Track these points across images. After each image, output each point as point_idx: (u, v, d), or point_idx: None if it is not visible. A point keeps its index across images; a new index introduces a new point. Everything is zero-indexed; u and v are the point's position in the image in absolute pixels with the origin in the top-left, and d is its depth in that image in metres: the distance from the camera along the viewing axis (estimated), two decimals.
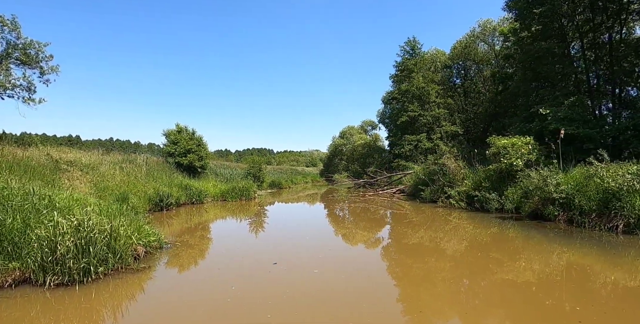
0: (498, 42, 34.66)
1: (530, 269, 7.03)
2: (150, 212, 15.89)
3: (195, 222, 14.77)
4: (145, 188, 16.39)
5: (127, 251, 6.23)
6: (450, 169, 17.08)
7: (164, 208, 16.37)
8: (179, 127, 25.44)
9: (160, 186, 17.49)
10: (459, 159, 17.25)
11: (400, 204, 19.19)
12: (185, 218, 15.70)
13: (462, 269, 7.39)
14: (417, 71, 32.58)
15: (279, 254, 8.70)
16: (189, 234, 11.81)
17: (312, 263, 7.68)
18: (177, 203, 18.03)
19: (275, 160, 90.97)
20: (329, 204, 22.05)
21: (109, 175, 15.72)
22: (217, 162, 39.55)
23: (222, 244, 10.27)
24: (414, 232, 11.50)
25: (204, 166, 25.33)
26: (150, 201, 15.93)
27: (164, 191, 16.55)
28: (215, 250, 9.68)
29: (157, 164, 21.90)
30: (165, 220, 14.82)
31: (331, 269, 7.20)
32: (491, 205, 13.39)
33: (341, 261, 8.07)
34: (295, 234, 11.86)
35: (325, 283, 6.20)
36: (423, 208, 16.90)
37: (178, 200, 18.05)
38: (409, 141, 30.63)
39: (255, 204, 21.68)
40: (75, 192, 10.83)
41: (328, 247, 9.83)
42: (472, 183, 15.82)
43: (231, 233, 12.28)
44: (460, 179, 16.71)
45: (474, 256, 8.41)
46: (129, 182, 16.16)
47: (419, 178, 19.80)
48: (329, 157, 47.56)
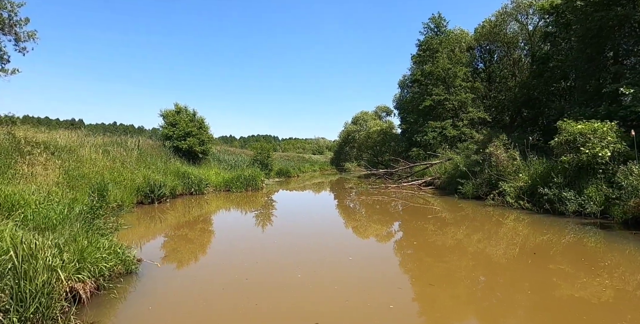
0: (532, 20, 31.17)
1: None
2: (138, 205, 13.20)
3: (191, 218, 12.05)
4: (134, 176, 13.66)
5: (54, 294, 3.47)
6: (500, 159, 14.18)
7: (155, 200, 13.64)
8: (177, 108, 22.59)
9: (152, 173, 14.76)
10: (510, 148, 14.31)
11: (434, 201, 16.35)
12: (180, 213, 12.99)
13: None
14: (442, 51, 29.30)
15: (298, 265, 5.99)
16: (180, 240, 9.08)
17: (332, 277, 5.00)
18: (172, 194, 15.33)
19: (280, 147, 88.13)
20: (347, 197, 19.29)
21: (89, 160, 12.96)
22: (220, 147, 36.80)
23: (226, 262, 7.33)
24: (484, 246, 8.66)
25: (206, 151, 22.58)
26: (138, 192, 13.23)
27: (157, 180, 13.82)
28: (216, 276, 6.18)
29: (152, 148, 19.16)
30: (155, 216, 12.12)
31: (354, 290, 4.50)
32: (568, 206, 10.52)
33: (369, 283, 5.38)
34: (312, 237, 9.08)
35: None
36: (467, 207, 14.07)
37: (174, 190, 15.35)
38: (432, 127, 27.60)
39: (263, 195, 18.96)
40: (28, 182, 8.08)
41: (348, 253, 7.08)
42: (528, 177, 12.94)
43: (238, 239, 9.51)
44: (512, 172, 13.82)
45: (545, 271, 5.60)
46: (114, 169, 13.42)
47: (454, 170, 16.92)
48: (340, 145, 44.60)
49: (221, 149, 33.94)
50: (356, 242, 9.05)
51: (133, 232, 9.20)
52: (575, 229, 9.65)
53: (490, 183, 14.67)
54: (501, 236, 9.39)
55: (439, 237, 9.43)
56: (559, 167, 11.55)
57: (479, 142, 20.65)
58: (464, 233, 9.75)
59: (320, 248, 8.18)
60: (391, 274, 6.46)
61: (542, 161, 13.68)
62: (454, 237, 9.24)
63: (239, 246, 8.50)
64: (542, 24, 29.82)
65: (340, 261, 7.07)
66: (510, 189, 12.74)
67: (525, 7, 29.98)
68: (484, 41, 33.61)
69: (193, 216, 12.62)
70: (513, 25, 32.08)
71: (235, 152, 36.86)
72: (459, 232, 9.84)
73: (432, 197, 17.32)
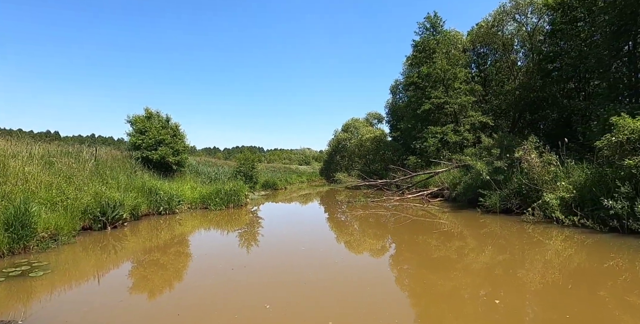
0: (530, 20, 29.60)
1: None
2: (83, 232, 10.23)
3: (154, 246, 9.14)
4: (81, 194, 10.69)
5: None
6: (532, 165, 11.78)
7: (107, 224, 10.67)
8: (148, 112, 19.69)
9: (108, 190, 11.80)
10: (545, 152, 11.92)
11: (453, 218, 13.81)
12: (138, 241, 10.07)
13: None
14: (439, 51, 27.30)
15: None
16: (133, 289, 6.20)
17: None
18: (134, 215, 12.37)
19: (266, 158, 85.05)
20: (345, 213, 16.58)
21: (19, 174, 9.96)
22: (201, 159, 33.81)
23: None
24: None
25: (181, 162, 19.63)
26: (85, 214, 10.26)
27: (112, 198, 10.87)
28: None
29: (114, 159, 16.16)
30: (103, 246, 9.17)
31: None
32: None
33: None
34: (314, 283, 6.31)
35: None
36: (501, 225, 11.55)
37: (136, 210, 12.41)
38: (433, 133, 25.32)
39: (247, 213, 16.11)
40: None
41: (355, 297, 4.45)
42: (573, 186, 10.55)
43: (209, 283, 6.70)
44: (549, 181, 11.42)
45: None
46: (54, 186, 10.43)
47: (472, 179, 14.47)
48: (330, 154, 42.00)
49: (201, 160, 30.97)
50: (369, 284, 6.34)
51: (51, 281, 6.32)
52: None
53: (521, 194, 12.24)
54: (560, 265, 6.85)
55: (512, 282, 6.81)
56: (621, 173, 9.16)
57: (491, 147, 18.41)
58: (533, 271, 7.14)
59: (326, 299, 5.44)
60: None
61: (585, 166, 11.37)
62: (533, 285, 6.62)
63: (212, 299, 5.70)
64: (541, 23, 28.37)
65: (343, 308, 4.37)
66: (554, 201, 10.26)
67: (525, 6, 28.40)
68: (479, 44, 31.97)
69: (157, 244, 9.73)
70: (510, 26, 30.51)
71: (217, 163, 33.87)
72: (525, 273, 7.23)
73: (448, 211, 14.78)
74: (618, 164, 9.30)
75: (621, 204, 8.59)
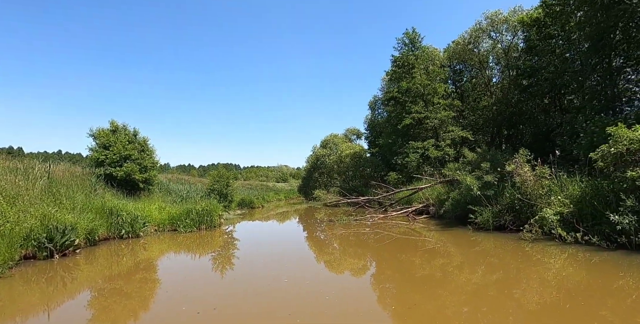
0: (504, 37, 30.22)
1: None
2: (25, 262, 8.74)
3: (113, 276, 7.78)
4: (24, 217, 9.22)
5: None
6: (525, 179, 11.17)
7: (56, 252, 9.20)
8: (113, 126, 18.24)
9: (59, 212, 10.34)
10: (539, 166, 11.33)
11: (442, 236, 13.02)
12: (90, 272, 8.67)
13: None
14: (418, 66, 27.24)
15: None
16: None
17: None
18: (90, 240, 10.90)
19: (242, 175, 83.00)
20: (326, 232, 15.50)
21: None
22: (173, 176, 32.11)
23: None
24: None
25: (149, 180, 18.16)
26: (27, 241, 8.78)
27: (61, 221, 9.44)
28: None
29: (72, 176, 14.61)
30: (47, 280, 7.74)
31: None
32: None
33: None
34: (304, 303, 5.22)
35: None
36: (495, 244, 10.83)
37: (92, 234, 10.94)
38: (414, 148, 24.83)
39: (221, 234, 14.79)
40: None
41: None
42: (570, 201, 9.96)
43: None
44: (543, 195, 10.82)
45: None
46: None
47: (461, 195, 13.75)
48: (308, 171, 40.97)
49: (173, 178, 29.31)
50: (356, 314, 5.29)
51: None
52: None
53: (514, 209, 11.58)
54: (563, 285, 6.05)
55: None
56: (624, 186, 8.59)
57: (475, 161, 17.95)
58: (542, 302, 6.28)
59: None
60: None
61: (578, 179, 10.87)
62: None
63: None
64: (515, 40, 28.96)
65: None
66: (554, 216, 9.58)
67: (500, 23, 28.95)
68: (455, 60, 32.36)
69: (112, 274, 8.36)
70: (485, 43, 31.01)
71: (191, 181, 32.19)
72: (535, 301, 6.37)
73: (436, 229, 13.95)
74: (619, 176, 8.74)
75: (628, 218, 7.96)
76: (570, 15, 18.95)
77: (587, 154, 12.72)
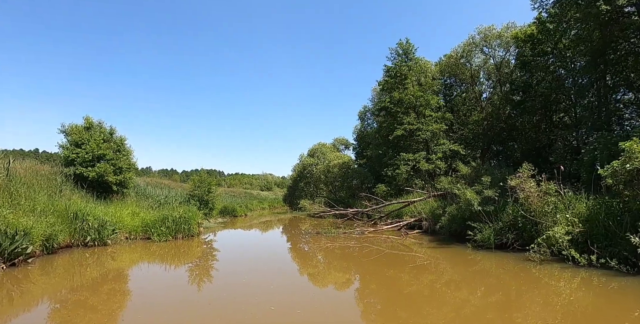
0: (496, 53, 30.20)
1: None
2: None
3: (64, 292, 6.60)
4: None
5: None
6: (529, 195, 10.46)
7: (1, 261, 7.93)
8: (88, 122, 16.96)
9: (13, 213, 9.08)
10: (544, 182, 10.63)
11: (439, 255, 12.20)
12: (46, 285, 7.46)
13: None
14: (410, 77, 26.83)
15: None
16: None
17: None
18: (47, 247, 9.62)
19: (226, 182, 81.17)
20: (314, 245, 14.48)
21: None
22: (152, 179, 30.62)
23: None
24: None
25: (124, 182, 16.85)
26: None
27: (11, 225, 8.20)
28: None
29: (37, 175, 13.26)
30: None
31: None
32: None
33: None
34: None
35: None
36: (497, 262, 10.08)
37: (51, 241, 9.67)
38: (405, 160, 24.16)
39: (199, 245, 13.61)
40: None
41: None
42: (578, 220, 9.28)
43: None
44: (549, 212, 10.11)
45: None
46: None
47: (459, 210, 12.96)
48: (294, 180, 39.88)
49: (152, 182, 27.86)
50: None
51: None
52: None
53: (516, 227, 10.84)
54: (575, 313, 5.29)
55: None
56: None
57: (467, 176, 17.33)
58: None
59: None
60: None
61: (584, 196, 10.24)
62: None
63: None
64: (507, 56, 28.95)
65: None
66: (565, 236, 8.83)
67: (493, 38, 28.89)
68: (447, 74, 32.16)
69: (77, 285, 7.20)
70: (477, 58, 30.92)
71: (171, 185, 30.74)
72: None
73: (431, 246, 13.08)
74: (636, 195, 8.08)
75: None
76: (564, 33, 18.82)
77: (590, 171, 12.24)
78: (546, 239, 9.22)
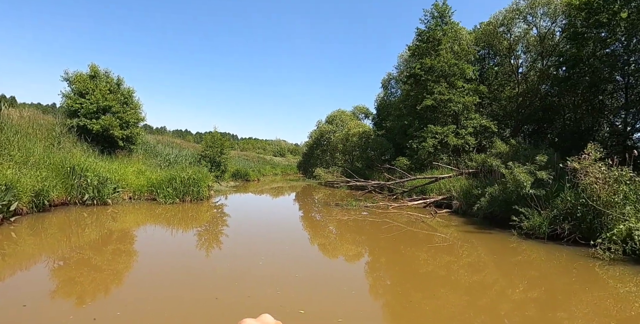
0: (541, 22, 27.17)
1: None
2: None
3: (48, 256, 5.47)
4: None
5: None
6: (595, 181, 8.84)
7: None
8: (93, 71, 15.51)
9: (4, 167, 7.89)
10: (615, 166, 8.96)
11: (476, 238, 10.87)
12: (24, 249, 6.36)
13: None
14: (445, 43, 24.40)
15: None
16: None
17: None
18: (37, 204, 8.51)
19: (239, 146, 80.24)
20: (333, 216, 13.27)
21: None
22: (164, 138, 29.49)
23: None
24: None
25: (131, 138, 15.66)
26: None
27: None
28: None
29: (35, 125, 12.06)
30: None
31: None
32: None
33: None
34: None
35: None
36: (550, 256, 8.71)
37: (41, 197, 8.54)
38: (433, 133, 22.40)
39: (208, 209, 12.50)
40: None
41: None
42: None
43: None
44: (618, 202, 8.54)
45: None
46: None
47: (503, 191, 11.42)
48: (310, 147, 38.43)
49: (163, 140, 26.70)
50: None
51: None
52: None
53: (574, 216, 9.32)
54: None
55: None
56: None
57: (503, 155, 15.67)
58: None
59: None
60: None
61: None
62: None
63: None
64: (553, 27, 26.09)
65: None
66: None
67: (541, 6, 25.84)
68: (482, 43, 29.35)
69: (65, 251, 6.07)
70: (518, 28, 27.99)
71: (183, 145, 29.63)
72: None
73: (467, 231, 11.69)
74: None
75: None
76: (627, 2, 16.24)
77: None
78: (618, 233, 7.72)
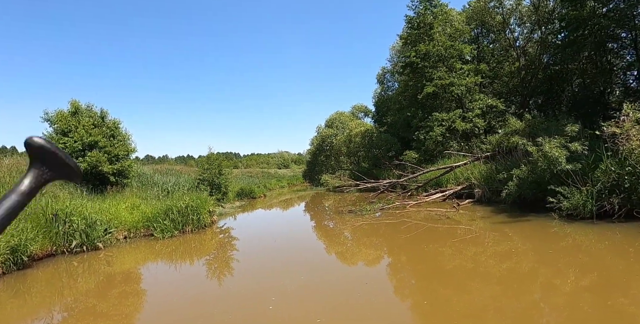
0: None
1: None
2: None
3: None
4: None
5: None
6: (639, 142, 7.66)
7: None
8: (74, 107, 14.67)
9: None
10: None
11: (512, 228, 9.70)
12: None
13: None
14: (437, 27, 23.34)
15: None
16: None
17: None
18: (17, 262, 7.52)
19: (242, 164, 79.34)
20: (354, 229, 12.13)
21: None
22: (162, 166, 28.56)
23: None
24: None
25: (123, 171, 14.70)
26: None
27: None
28: None
29: (11, 172, 11.16)
30: None
31: None
32: None
33: None
34: None
35: None
36: (602, 241, 7.50)
37: (17, 254, 7.54)
38: (439, 120, 21.24)
39: (213, 236, 11.46)
40: None
41: None
42: None
43: None
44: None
45: None
46: None
47: (530, 173, 10.21)
48: (313, 154, 37.35)
49: (162, 169, 25.77)
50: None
51: None
52: None
53: (622, 189, 8.11)
54: None
55: None
56: None
57: (521, 132, 14.49)
58: None
59: None
60: None
61: None
62: None
63: None
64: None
65: None
66: None
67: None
68: (474, 22, 28.23)
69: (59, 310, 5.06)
70: (509, 0, 26.81)
71: (183, 170, 28.67)
72: None
73: (502, 221, 10.46)
74: None
75: None
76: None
77: None
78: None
